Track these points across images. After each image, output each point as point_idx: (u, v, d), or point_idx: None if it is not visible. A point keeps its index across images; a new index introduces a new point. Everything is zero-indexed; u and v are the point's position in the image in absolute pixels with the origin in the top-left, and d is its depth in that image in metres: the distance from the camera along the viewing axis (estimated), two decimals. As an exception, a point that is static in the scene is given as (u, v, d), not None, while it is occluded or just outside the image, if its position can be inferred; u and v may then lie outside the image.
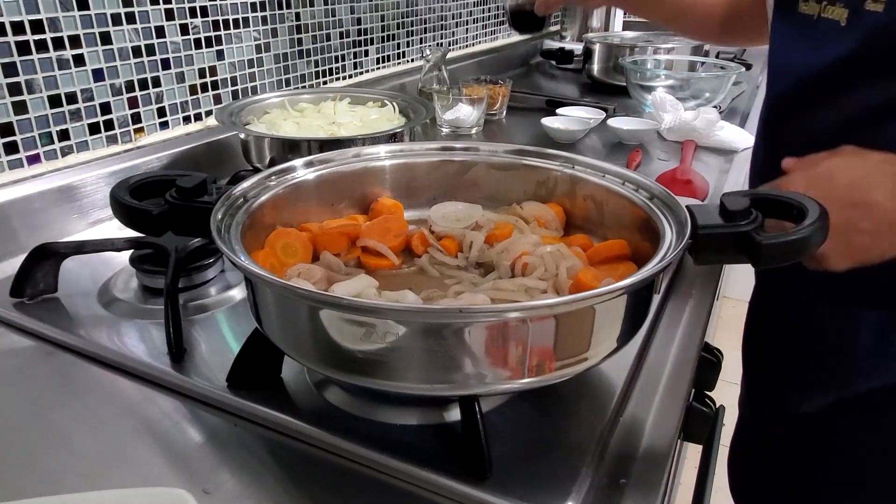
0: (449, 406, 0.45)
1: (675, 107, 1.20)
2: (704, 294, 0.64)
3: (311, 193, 0.55)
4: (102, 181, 0.78)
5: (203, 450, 0.43)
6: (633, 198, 0.50)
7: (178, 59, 0.90)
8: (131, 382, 0.50)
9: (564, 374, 0.39)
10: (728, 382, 0.80)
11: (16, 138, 0.73)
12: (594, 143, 1.16)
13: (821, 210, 0.40)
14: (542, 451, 0.43)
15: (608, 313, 0.39)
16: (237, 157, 0.90)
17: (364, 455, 0.42)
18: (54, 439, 0.44)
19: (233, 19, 0.97)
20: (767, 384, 0.78)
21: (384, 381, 0.38)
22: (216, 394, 0.47)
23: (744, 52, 1.80)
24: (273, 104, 0.93)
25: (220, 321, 0.58)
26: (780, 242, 0.39)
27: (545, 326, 0.37)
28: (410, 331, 0.36)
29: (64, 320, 0.57)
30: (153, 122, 0.88)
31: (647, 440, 0.44)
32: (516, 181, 0.59)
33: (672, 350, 0.54)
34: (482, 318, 0.35)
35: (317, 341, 0.39)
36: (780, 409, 0.73)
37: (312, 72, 1.16)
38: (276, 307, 0.41)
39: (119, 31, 0.81)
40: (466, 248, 0.54)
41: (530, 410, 0.46)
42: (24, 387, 0.50)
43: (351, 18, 1.22)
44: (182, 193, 0.47)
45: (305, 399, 0.47)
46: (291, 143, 0.80)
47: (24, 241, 0.69)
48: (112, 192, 0.47)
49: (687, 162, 1.00)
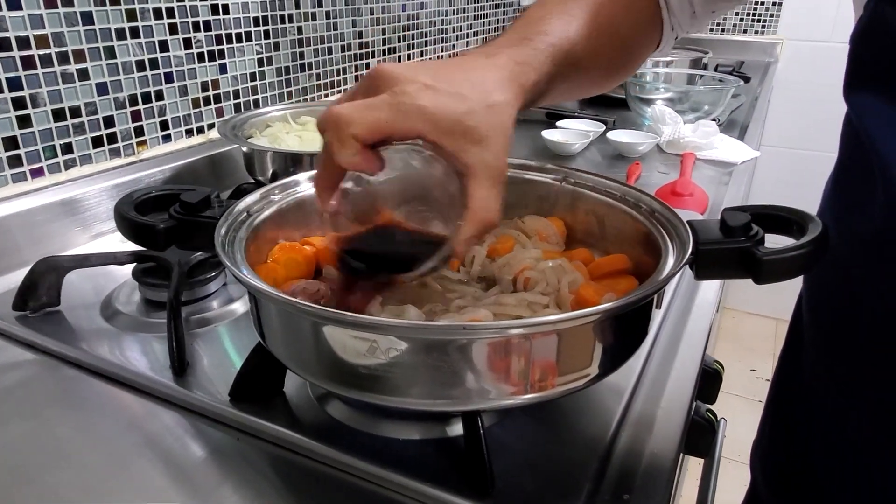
0: (451, 420, 0.45)
1: (675, 120, 1.21)
2: (705, 307, 0.64)
3: (314, 208, 0.56)
4: (105, 194, 0.78)
5: (206, 465, 0.43)
6: (634, 213, 0.51)
7: (180, 73, 0.90)
8: (133, 396, 0.50)
9: (567, 390, 0.39)
10: (729, 394, 0.80)
11: (20, 151, 0.73)
12: (594, 156, 1.16)
13: (822, 226, 0.41)
14: (545, 465, 0.43)
15: (611, 329, 0.39)
16: (239, 170, 0.90)
17: (366, 470, 0.42)
18: (56, 454, 0.44)
19: (235, 33, 0.98)
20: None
21: (387, 397, 0.38)
22: (219, 408, 0.47)
23: (742, 65, 1.81)
24: (275, 117, 0.94)
25: (223, 335, 0.58)
26: (781, 258, 0.40)
27: (548, 342, 0.37)
28: (414, 347, 0.36)
29: (66, 334, 0.57)
30: (156, 136, 0.89)
31: (650, 454, 0.44)
32: (517, 195, 0.59)
33: (674, 364, 0.54)
34: (486, 334, 0.36)
35: (320, 357, 0.39)
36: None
37: (314, 85, 1.17)
38: (279, 323, 0.41)
39: (123, 45, 0.82)
40: (468, 262, 0.54)
41: (532, 424, 0.46)
42: (25, 400, 0.50)
43: (352, 32, 1.23)
44: (186, 208, 0.47)
45: (308, 413, 0.47)
46: (294, 157, 0.81)
47: (27, 254, 0.69)
48: (117, 207, 0.47)
49: (687, 175, 1.01)
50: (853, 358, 0.52)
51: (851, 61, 0.48)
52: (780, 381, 0.67)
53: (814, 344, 0.58)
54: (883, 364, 0.49)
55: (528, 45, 0.43)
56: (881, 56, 0.45)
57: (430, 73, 0.36)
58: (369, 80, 0.37)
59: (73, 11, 0.75)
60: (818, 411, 0.58)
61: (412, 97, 0.35)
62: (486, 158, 0.36)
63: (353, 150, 0.35)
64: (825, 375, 0.56)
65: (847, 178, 0.53)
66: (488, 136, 0.36)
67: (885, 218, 0.45)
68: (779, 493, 0.67)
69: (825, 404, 0.57)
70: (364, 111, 0.34)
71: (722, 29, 2.21)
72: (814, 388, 0.59)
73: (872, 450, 0.52)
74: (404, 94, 0.35)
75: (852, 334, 0.52)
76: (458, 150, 0.36)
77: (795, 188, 2.05)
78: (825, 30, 2.06)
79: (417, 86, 0.35)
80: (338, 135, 0.34)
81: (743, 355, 2.22)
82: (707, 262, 0.42)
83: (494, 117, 0.37)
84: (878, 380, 0.50)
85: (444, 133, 0.35)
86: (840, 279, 0.52)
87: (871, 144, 0.45)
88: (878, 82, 0.45)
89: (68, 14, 0.75)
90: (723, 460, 0.69)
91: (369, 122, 0.34)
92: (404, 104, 0.34)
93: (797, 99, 2.12)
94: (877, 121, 0.45)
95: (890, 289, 0.47)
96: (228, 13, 0.96)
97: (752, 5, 2.14)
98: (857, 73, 0.47)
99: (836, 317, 0.55)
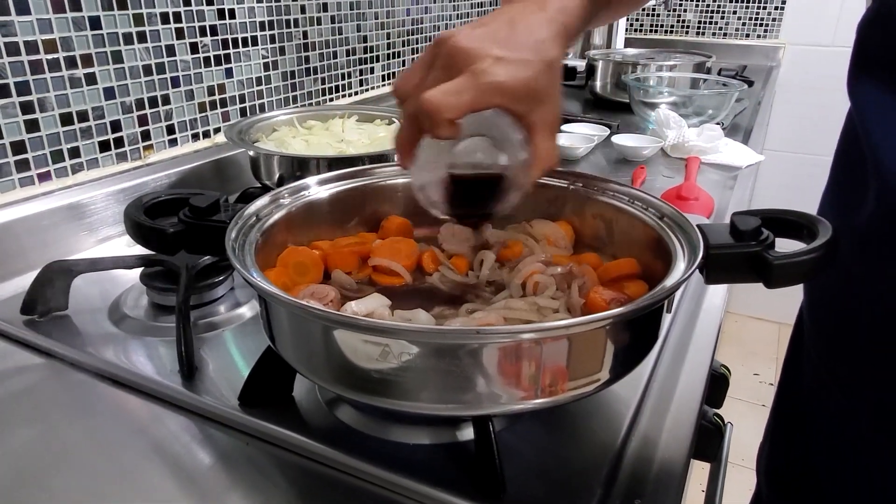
0: (462, 425, 0.45)
1: (679, 124, 1.21)
2: (713, 311, 0.64)
3: (323, 212, 0.56)
4: (112, 198, 0.78)
5: (214, 470, 0.43)
6: (643, 216, 0.51)
7: (187, 78, 0.91)
8: (141, 401, 0.50)
9: (579, 395, 0.39)
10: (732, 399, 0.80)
11: (27, 156, 0.73)
12: (598, 160, 1.16)
13: (832, 230, 0.41)
14: (556, 470, 0.42)
15: (622, 334, 0.39)
16: (245, 174, 0.91)
17: (377, 474, 0.42)
18: (64, 458, 0.44)
19: (241, 38, 0.98)
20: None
21: (398, 401, 0.38)
22: (227, 412, 0.47)
23: (744, 69, 1.82)
24: (281, 121, 0.94)
25: (230, 339, 0.58)
26: (793, 262, 0.39)
27: (560, 347, 0.37)
28: (426, 351, 0.36)
29: (74, 338, 0.57)
30: (162, 140, 0.89)
31: (661, 459, 0.44)
32: (525, 199, 0.59)
33: (683, 368, 0.54)
34: (498, 339, 0.35)
35: (330, 361, 0.39)
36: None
37: (319, 89, 1.17)
38: (290, 326, 0.41)
39: (130, 49, 0.82)
40: (477, 266, 0.54)
41: (543, 429, 0.46)
42: (33, 405, 0.50)
43: (357, 36, 1.23)
44: (196, 212, 0.47)
45: (317, 417, 0.47)
46: (300, 161, 0.81)
47: (35, 258, 0.69)
48: (126, 211, 0.47)
49: (692, 179, 1.00)
50: (853, 358, 0.53)
51: (856, 50, 0.50)
52: (783, 383, 0.68)
53: (815, 345, 0.59)
54: (883, 364, 0.49)
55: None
56: (885, 44, 0.47)
57: (496, 41, 0.40)
58: (444, 57, 0.41)
59: (81, 16, 0.75)
60: (819, 413, 0.58)
61: (491, 75, 0.39)
62: (546, 116, 0.42)
63: (448, 129, 0.40)
64: (826, 376, 0.57)
65: (844, 175, 0.54)
66: (549, 95, 0.42)
67: (876, 206, 0.46)
68: (781, 496, 0.67)
69: (826, 406, 0.57)
70: (452, 97, 0.39)
71: (724, 33, 2.21)
72: (814, 389, 0.59)
73: (872, 450, 0.52)
74: (483, 73, 0.39)
75: (853, 335, 0.52)
76: (525, 111, 0.41)
77: (798, 191, 2.05)
78: (828, 34, 2.06)
79: (490, 61, 0.39)
80: (435, 120, 0.39)
81: (746, 360, 2.21)
82: (717, 266, 0.42)
83: (552, 75, 0.42)
84: (879, 380, 0.50)
85: (516, 100, 0.40)
86: (841, 280, 0.52)
87: (866, 134, 0.47)
88: (882, 70, 0.47)
89: (76, 18, 0.75)
90: (729, 465, 0.69)
91: (460, 106, 0.39)
92: (484, 83, 0.39)
93: (800, 103, 2.12)
94: (874, 108, 0.47)
95: (890, 289, 0.47)
96: (235, 18, 0.96)
97: (754, 10, 2.14)
98: (861, 61, 0.49)
99: (838, 318, 0.55)
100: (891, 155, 0.45)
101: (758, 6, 2.13)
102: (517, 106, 0.41)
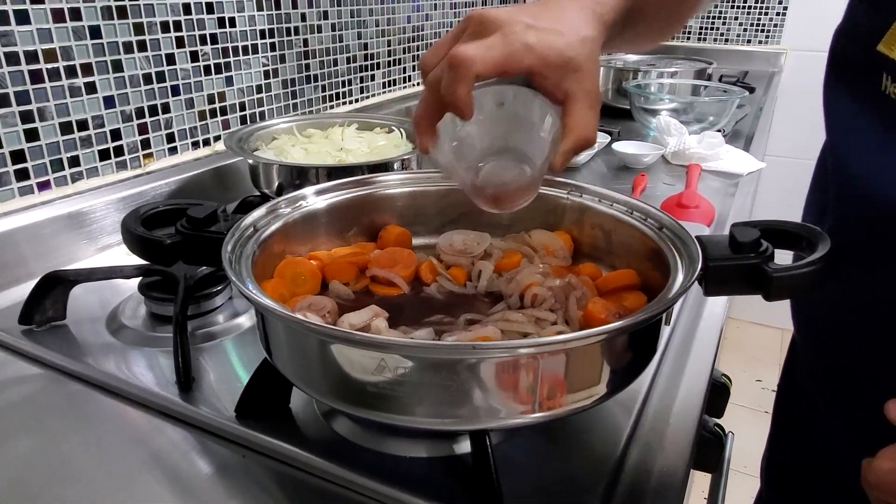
0: (459, 438, 0.45)
1: (680, 131, 1.21)
2: (713, 320, 0.64)
3: (321, 222, 0.56)
4: (111, 207, 0.78)
5: (211, 481, 0.43)
6: (642, 227, 0.51)
7: (187, 86, 0.91)
8: (139, 412, 0.50)
9: (576, 409, 0.39)
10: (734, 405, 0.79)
11: (27, 165, 0.73)
12: (599, 167, 1.16)
13: (831, 242, 0.40)
14: (554, 483, 0.42)
15: (619, 347, 0.39)
16: (245, 182, 0.91)
17: (373, 488, 0.42)
18: (61, 469, 0.44)
19: (241, 46, 0.98)
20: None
21: (394, 416, 0.38)
22: (225, 424, 0.47)
23: (746, 76, 1.82)
24: (281, 130, 0.94)
25: (228, 349, 0.58)
26: (792, 275, 0.39)
27: (557, 362, 0.36)
28: (422, 366, 0.36)
29: (72, 348, 0.57)
30: (162, 148, 0.89)
31: (660, 471, 0.44)
32: (524, 209, 0.59)
33: (682, 378, 0.54)
34: (495, 354, 0.35)
35: (327, 375, 0.39)
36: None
37: (319, 96, 1.17)
38: (286, 340, 0.41)
39: (130, 58, 0.82)
40: (475, 276, 0.54)
41: (541, 442, 0.46)
42: (31, 415, 0.50)
43: (358, 44, 1.24)
44: (193, 223, 0.47)
45: (314, 430, 0.47)
46: (299, 170, 0.81)
47: (34, 267, 0.69)
48: (124, 222, 0.47)
49: (692, 186, 1.00)
50: (849, 362, 0.52)
51: (829, 58, 0.52)
52: (783, 387, 0.68)
53: (810, 349, 0.58)
54: (880, 366, 0.49)
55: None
56: (852, 52, 0.48)
57: (528, 13, 0.41)
58: (476, 24, 0.41)
59: (81, 25, 0.75)
60: (816, 416, 0.58)
61: (521, 36, 0.39)
62: (584, 84, 0.41)
63: (469, 87, 0.39)
64: (823, 380, 0.56)
65: (819, 180, 0.55)
66: (585, 65, 0.41)
67: (837, 209, 0.47)
68: (781, 498, 0.67)
69: (823, 409, 0.57)
70: (485, 52, 0.38)
71: (726, 39, 2.21)
72: (811, 392, 0.59)
73: (869, 454, 0.52)
74: (514, 33, 0.39)
75: (849, 338, 0.52)
76: (560, 78, 0.41)
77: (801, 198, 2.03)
78: (829, 40, 2.06)
79: (522, 25, 0.40)
80: (461, 72, 0.38)
81: (748, 366, 2.20)
82: (716, 278, 0.42)
83: (588, 48, 0.41)
84: (875, 382, 0.50)
85: (549, 65, 0.40)
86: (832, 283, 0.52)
87: (831, 139, 0.48)
88: (849, 78, 0.48)
89: (76, 28, 0.75)
90: (731, 473, 0.69)
91: (490, 61, 0.38)
92: (516, 42, 0.39)
93: (802, 109, 2.12)
94: (839, 115, 0.48)
95: (888, 291, 0.46)
96: (235, 26, 0.96)
97: (756, 15, 2.14)
98: (833, 70, 0.51)
99: (832, 325, 0.55)
100: (853, 160, 0.45)
101: (759, 12, 2.13)
102: (549, 71, 0.40)
